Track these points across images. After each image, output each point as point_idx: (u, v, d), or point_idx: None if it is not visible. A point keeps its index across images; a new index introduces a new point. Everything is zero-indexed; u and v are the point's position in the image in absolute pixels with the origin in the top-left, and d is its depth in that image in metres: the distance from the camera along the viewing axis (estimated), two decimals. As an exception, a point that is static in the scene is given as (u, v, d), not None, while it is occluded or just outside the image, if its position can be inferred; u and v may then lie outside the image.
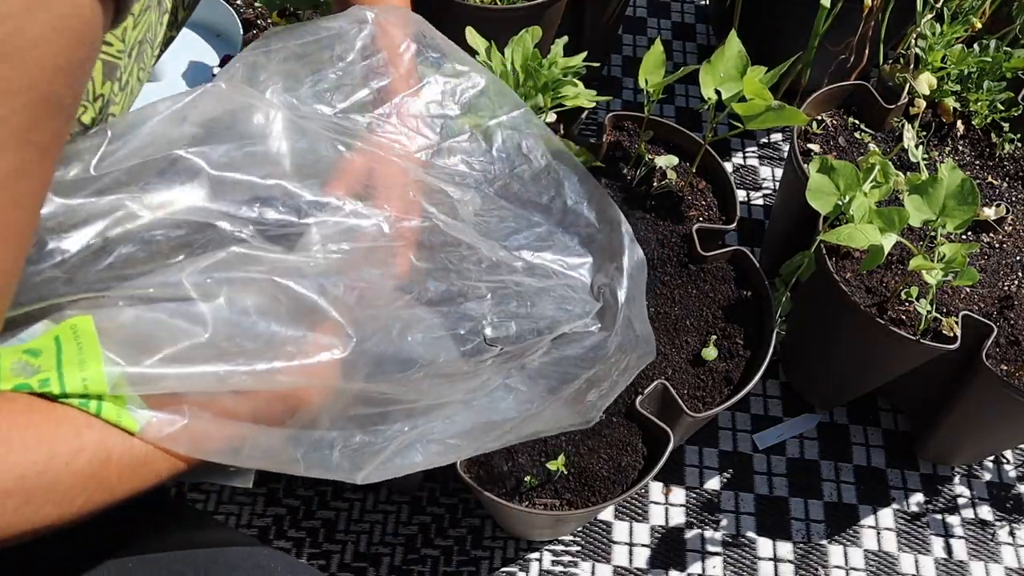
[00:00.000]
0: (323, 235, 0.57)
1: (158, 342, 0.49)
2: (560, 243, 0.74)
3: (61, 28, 0.38)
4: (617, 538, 1.06)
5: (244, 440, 0.52)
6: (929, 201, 0.85)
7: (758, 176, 1.40)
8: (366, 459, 0.57)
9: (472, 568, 1.02)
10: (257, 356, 0.51)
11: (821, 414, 1.17)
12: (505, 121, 0.73)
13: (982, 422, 0.99)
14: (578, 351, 0.70)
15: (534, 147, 0.75)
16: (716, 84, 0.87)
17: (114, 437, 0.47)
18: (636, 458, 0.83)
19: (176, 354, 0.49)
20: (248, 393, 0.52)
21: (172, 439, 0.49)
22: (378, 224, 0.60)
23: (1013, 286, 0.98)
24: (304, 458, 0.55)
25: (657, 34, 1.59)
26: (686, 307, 0.91)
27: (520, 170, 0.74)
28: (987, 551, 1.08)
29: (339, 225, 0.58)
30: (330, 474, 0.55)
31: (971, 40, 1.10)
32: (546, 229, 0.73)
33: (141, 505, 0.51)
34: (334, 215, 0.58)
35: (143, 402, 0.48)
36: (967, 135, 1.10)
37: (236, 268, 0.52)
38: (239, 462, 0.52)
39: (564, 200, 0.76)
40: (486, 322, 0.64)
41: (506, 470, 0.81)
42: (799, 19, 1.23)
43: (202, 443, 0.50)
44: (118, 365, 0.47)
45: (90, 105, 0.53)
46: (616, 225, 0.75)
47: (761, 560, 1.06)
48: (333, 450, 0.56)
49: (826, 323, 1.01)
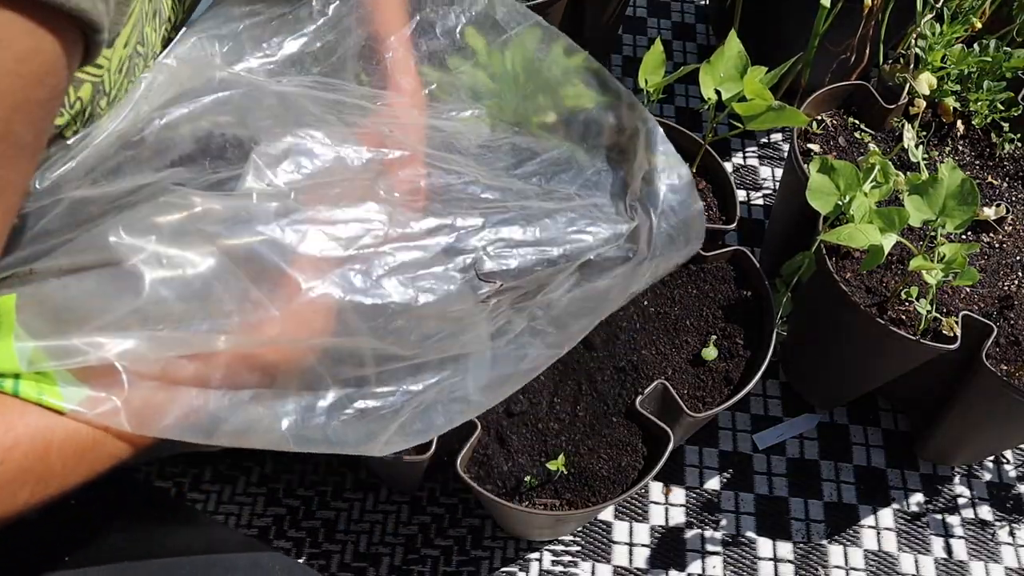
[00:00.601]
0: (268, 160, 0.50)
1: (87, 311, 0.45)
2: (581, 161, 0.66)
3: (19, 69, 0.38)
4: (617, 538, 1.06)
5: (210, 414, 0.47)
6: (929, 201, 0.85)
7: (758, 176, 1.40)
8: (380, 425, 0.51)
9: (472, 568, 1.02)
10: (198, 317, 0.46)
11: (821, 414, 1.17)
12: (513, 37, 0.67)
13: (982, 422, 0.99)
14: (608, 282, 0.62)
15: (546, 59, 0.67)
16: (716, 84, 0.87)
17: (54, 424, 0.44)
18: (636, 458, 0.83)
19: (107, 322, 0.44)
20: (203, 359, 0.47)
21: (110, 416, 0.45)
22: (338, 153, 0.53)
23: (1013, 286, 0.98)
24: (294, 432, 0.49)
25: (657, 34, 1.59)
26: (686, 307, 0.91)
27: (531, 90, 0.66)
28: (987, 551, 1.08)
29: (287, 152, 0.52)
30: (337, 448, 0.50)
31: (971, 40, 1.10)
32: (566, 149, 0.66)
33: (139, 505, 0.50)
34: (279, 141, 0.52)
35: (75, 378, 0.44)
36: (967, 135, 1.10)
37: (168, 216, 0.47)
38: (212, 440, 0.47)
39: (583, 112, 0.68)
40: (481, 254, 0.56)
41: (506, 470, 0.81)
42: (799, 19, 1.23)
43: (152, 419, 0.46)
44: (32, 340, 0.43)
45: (66, 111, 0.51)
46: (645, 128, 0.68)
47: (761, 560, 1.06)
48: (331, 419, 0.50)
49: (826, 323, 1.01)
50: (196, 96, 0.53)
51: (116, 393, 0.45)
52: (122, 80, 0.55)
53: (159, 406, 0.47)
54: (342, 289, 0.49)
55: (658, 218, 0.65)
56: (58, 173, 0.50)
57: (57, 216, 0.49)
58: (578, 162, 0.67)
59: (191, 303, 0.46)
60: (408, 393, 0.53)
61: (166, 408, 0.47)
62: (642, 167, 0.67)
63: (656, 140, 0.67)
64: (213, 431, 0.47)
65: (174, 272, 0.46)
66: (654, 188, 0.66)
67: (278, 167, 0.51)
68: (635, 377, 0.86)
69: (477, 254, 0.55)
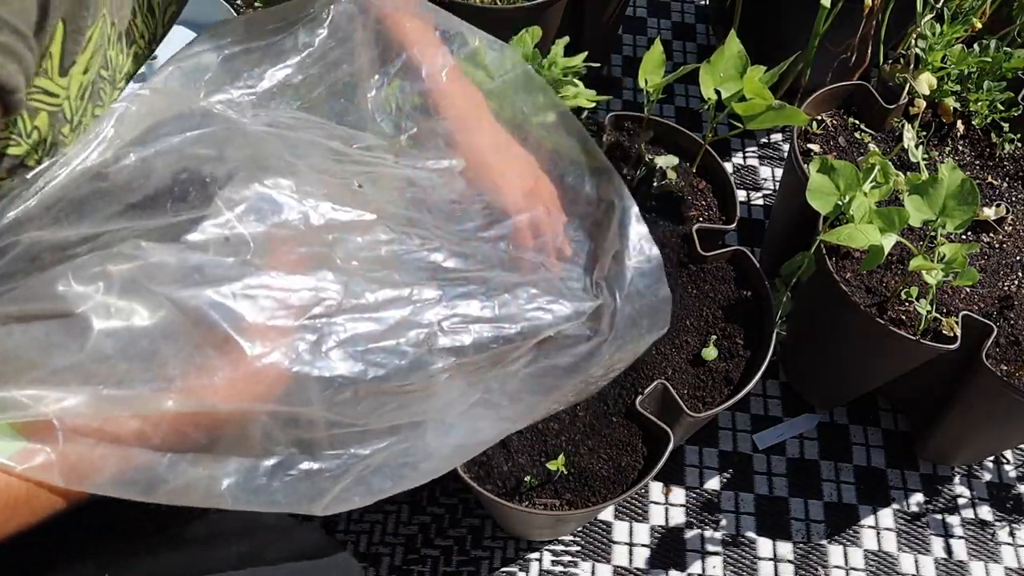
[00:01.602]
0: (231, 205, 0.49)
1: (30, 361, 0.44)
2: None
3: None
4: (617, 538, 1.06)
5: (149, 472, 0.46)
6: (929, 201, 0.84)
7: (758, 176, 1.40)
8: (323, 486, 0.50)
9: (472, 568, 1.02)
10: (141, 379, 0.45)
11: (821, 414, 1.17)
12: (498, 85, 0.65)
13: (982, 422, 0.99)
14: (567, 360, 0.62)
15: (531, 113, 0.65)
16: (716, 84, 0.87)
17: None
18: (636, 458, 0.83)
19: (48, 374, 0.43)
20: (145, 417, 0.46)
21: (43, 470, 0.44)
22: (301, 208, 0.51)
23: (1013, 286, 0.98)
24: (233, 492, 0.48)
25: (657, 34, 1.59)
26: (686, 307, 0.91)
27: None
28: (987, 551, 1.08)
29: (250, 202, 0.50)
30: (276, 508, 0.49)
31: (971, 40, 1.10)
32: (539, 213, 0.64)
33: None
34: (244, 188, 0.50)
35: (11, 428, 0.44)
36: (967, 135, 1.10)
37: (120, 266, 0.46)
38: (151, 498, 0.46)
39: (561, 174, 0.66)
40: (436, 329, 0.54)
41: (506, 470, 0.81)
42: (799, 19, 1.23)
43: (88, 475, 0.45)
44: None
45: (23, 140, 0.50)
46: (621, 204, 0.66)
47: (761, 560, 1.06)
48: (274, 479, 0.49)
49: (826, 323, 1.01)
50: (169, 132, 0.52)
51: (51, 447, 0.44)
52: (85, 105, 0.54)
53: (96, 462, 0.46)
54: (289, 360, 0.49)
55: (623, 301, 0.63)
56: (18, 211, 0.49)
57: (12, 259, 0.47)
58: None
59: (134, 363, 0.45)
60: (355, 457, 0.52)
61: (103, 464, 0.46)
62: (613, 245, 0.65)
63: (630, 219, 0.66)
64: (152, 489, 0.46)
65: (121, 325, 0.45)
66: (622, 269, 0.64)
67: (240, 215, 0.50)
68: (635, 377, 0.86)
69: (432, 329, 0.54)
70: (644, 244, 0.66)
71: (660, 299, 0.66)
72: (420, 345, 0.53)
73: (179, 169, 0.51)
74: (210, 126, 0.53)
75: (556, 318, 0.60)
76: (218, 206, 0.50)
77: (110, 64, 0.56)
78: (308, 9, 0.61)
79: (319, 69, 0.60)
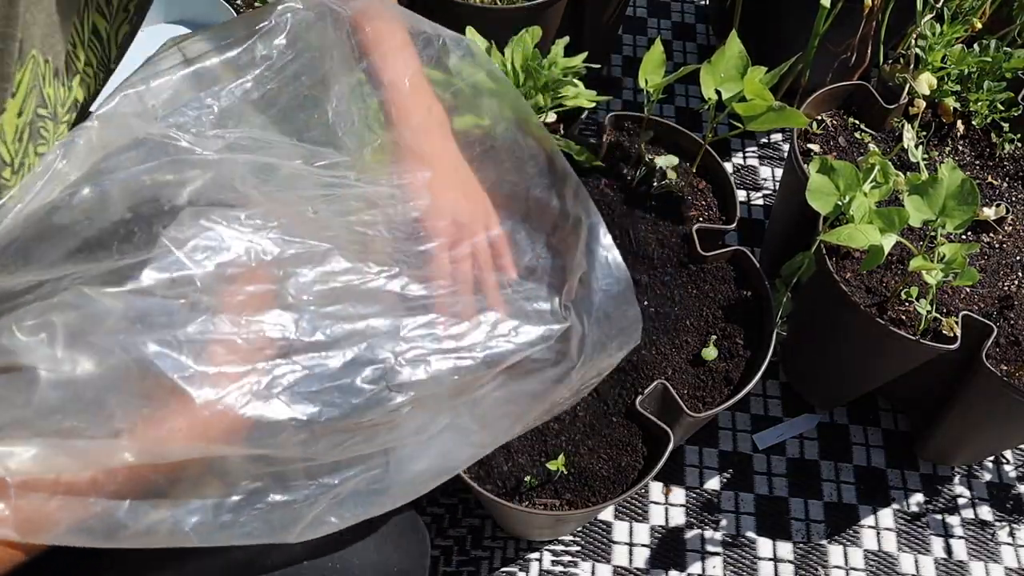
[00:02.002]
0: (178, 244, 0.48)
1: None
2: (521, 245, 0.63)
3: None
4: (617, 538, 1.06)
5: (109, 519, 0.45)
6: (929, 201, 0.85)
7: (758, 176, 1.40)
8: (294, 516, 0.50)
9: (472, 568, 1.02)
10: (88, 432, 0.44)
11: (821, 414, 1.17)
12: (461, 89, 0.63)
13: (982, 422, 0.99)
14: (535, 386, 0.59)
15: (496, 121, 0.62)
16: (716, 84, 0.87)
17: None
18: (636, 458, 0.83)
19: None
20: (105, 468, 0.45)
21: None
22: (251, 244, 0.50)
23: (1013, 286, 0.98)
24: (197, 529, 0.47)
25: (657, 34, 1.59)
26: (686, 307, 0.91)
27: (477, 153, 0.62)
28: (987, 551, 1.08)
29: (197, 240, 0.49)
30: (247, 541, 0.48)
31: (971, 40, 1.10)
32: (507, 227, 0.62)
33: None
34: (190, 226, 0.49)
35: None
36: (967, 135, 1.10)
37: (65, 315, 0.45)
38: (114, 544, 0.45)
39: (527, 187, 0.64)
40: (393, 363, 0.52)
41: (506, 470, 0.81)
42: (799, 19, 1.23)
43: (44, 527, 0.44)
44: None
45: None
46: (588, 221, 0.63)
47: (761, 560, 1.06)
48: (240, 514, 0.48)
49: (826, 323, 1.01)
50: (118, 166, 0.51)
51: (4, 502, 0.43)
52: (25, 147, 0.54)
53: (52, 514, 0.44)
54: (240, 406, 0.47)
55: (591, 326, 0.61)
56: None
57: None
58: (518, 245, 0.63)
59: (81, 416, 0.44)
60: (324, 487, 0.51)
61: (59, 516, 0.45)
62: (580, 266, 0.63)
63: (597, 236, 0.63)
64: (112, 535, 0.45)
65: (66, 376, 0.44)
66: (589, 292, 0.62)
67: (187, 254, 0.49)
68: (635, 377, 0.86)
69: (388, 364, 0.52)
70: (612, 264, 0.63)
71: (629, 320, 0.64)
72: (377, 382, 0.52)
73: (129, 205, 0.50)
74: (162, 156, 0.51)
75: (521, 344, 0.58)
76: (164, 245, 0.49)
77: (49, 102, 0.55)
78: (265, 19, 0.59)
79: (278, 83, 0.59)
